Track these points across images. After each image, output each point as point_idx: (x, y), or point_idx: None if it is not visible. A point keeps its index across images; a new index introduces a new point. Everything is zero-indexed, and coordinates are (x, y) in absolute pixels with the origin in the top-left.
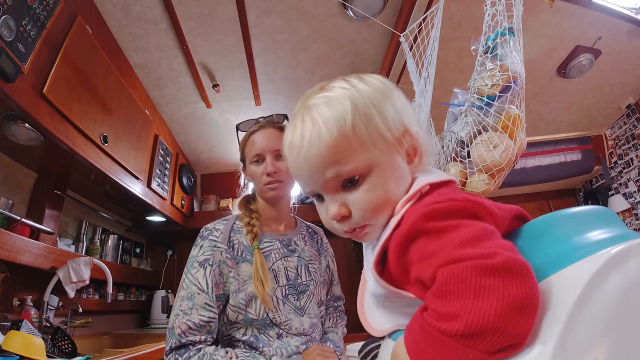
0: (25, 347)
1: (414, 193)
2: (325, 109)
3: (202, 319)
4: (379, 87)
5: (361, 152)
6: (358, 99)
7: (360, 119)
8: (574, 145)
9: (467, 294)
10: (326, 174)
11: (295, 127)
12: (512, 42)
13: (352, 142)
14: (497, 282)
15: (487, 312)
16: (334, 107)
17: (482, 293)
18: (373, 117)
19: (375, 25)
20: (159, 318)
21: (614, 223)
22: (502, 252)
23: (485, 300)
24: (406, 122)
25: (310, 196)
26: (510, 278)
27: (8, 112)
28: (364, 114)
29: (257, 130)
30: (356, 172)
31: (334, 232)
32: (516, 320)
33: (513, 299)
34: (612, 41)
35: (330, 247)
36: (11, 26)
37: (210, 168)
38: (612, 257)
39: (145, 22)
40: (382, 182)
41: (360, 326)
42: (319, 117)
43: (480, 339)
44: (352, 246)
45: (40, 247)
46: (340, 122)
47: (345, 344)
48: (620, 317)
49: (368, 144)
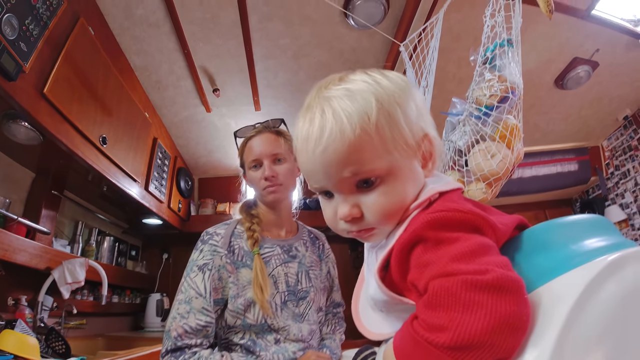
0: (20, 346)
1: (424, 201)
2: (348, 103)
3: (199, 323)
4: (402, 85)
5: (382, 153)
6: (383, 96)
7: (384, 119)
8: (570, 155)
9: (456, 307)
10: (343, 172)
11: (314, 119)
12: (510, 54)
13: (375, 142)
14: (486, 298)
15: (474, 326)
16: (357, 101)
17: (471, 308)
18: (398, 119)
19: (376, 35)
20: (153, 321)
21: (610, 232)
22: (494, 269)
23: (474, 315)
24: (425, 125)
25: (318, 192)
26: (500, 295)
27: (8, 110)
28: (389, 114)
29: (254, 135)
30: (375, 173)
31: (337, 231)
32: (503, 336)
33: (501, 316)
34: (610, 53)
35: (331, 253)
36: (14, 25)
37: (208, 172)
38: (608, 265)
39: (147, 25)
40: (399, 187)
41: (358, 332)
42: (342, 111)
43: (467, 352)
44: (349, 252)
45: (36, 247)
46: (364, 120)
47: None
48: (616, 325)
49: (390, 145)
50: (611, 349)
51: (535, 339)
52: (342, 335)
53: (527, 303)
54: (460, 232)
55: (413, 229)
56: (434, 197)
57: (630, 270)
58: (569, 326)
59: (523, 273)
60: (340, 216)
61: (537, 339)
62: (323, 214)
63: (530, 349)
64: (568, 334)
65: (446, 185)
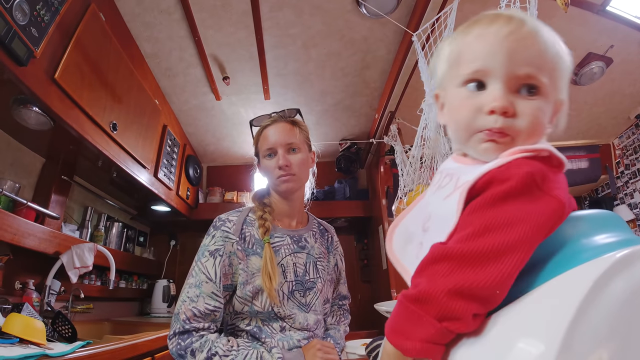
0: (26, 329)
1: (535, 149)
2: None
3: (207, 307)
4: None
5: (557, 83)
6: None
7: (568, 64)
8: (581, 153)
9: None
10: (525, 68)
11: (520, 16)
12: None
13: (557, 72)
14: (451, 267)
15: (437, 286)
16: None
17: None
18: (568, 75)
19: (388, 24)
20: (160, 307)
21: (620, 228)
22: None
23: (439, 279)
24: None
25: (466, 79)
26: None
27: (18, 95)
28: (569, 66)
29: (269, 124)
30: (545, 89)
31: (472, 127)
32: (456, 301)
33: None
34: (624, 50)
35: (340, 245)
36: (25, 10)
37: (216, 160)
38: (617, 261)
39: (158, 12)
40: (546, 115)
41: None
42: (550, 31)
43: (428, 304)
44: (354, 244)
45: (45, 231)
46: (564, 48)
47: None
48: (625, 321)
49: (562, 87)
50: (619, 344)
51: (544, 332)
52: (346, 327)
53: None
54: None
55: (507, 169)
56: (544, 153)
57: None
58: (578, 321)
59: (532, 265)
60: (496, 104)
61: (546, 333)
62: (458, 108)
63: (539, 343)
64: (576, 329)
65: (555, 151)
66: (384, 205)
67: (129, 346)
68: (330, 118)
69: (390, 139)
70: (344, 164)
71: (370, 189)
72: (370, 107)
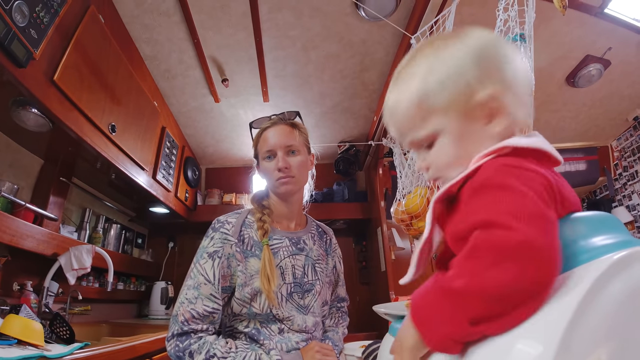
0: (24, 331)
1: (494, 149)
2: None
3: (206, 309)
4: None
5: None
6: None
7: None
8: (579, 155)
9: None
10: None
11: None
12: (522, 49)
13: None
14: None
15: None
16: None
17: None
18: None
19: (387, 26)
20: (158, 309)
21: (618, 229)
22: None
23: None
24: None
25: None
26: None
27: (17, 97)
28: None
29: (269, 126)
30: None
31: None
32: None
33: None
34: (622, 52)
35: (338, 247)
36: (24, 12)
37: (215, 162)
38: (615, 263)
39: (157, 14)
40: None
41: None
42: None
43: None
44: (353, 246)
45: (43, 232)
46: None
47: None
48: (623, 322)
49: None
50: (618, 345)
51: (542, 333)
52: (344, 329)
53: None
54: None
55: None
56: (506, 150)
57: (638, 268)
58: (576, 322)
59: None
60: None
61: (544, 334)
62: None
63: (537, 344)
64: (575, 330)
65: (528, 142)
66: (383, 207)
67: (127, 348)
68: (329, 120)
69: (389, 141)
70: (343, 166)
71: (369, 191)
72: (369, 109)
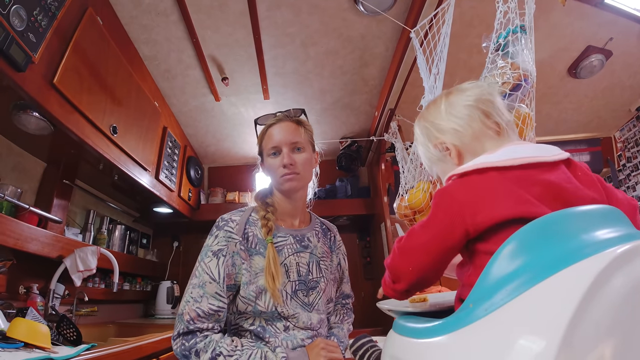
0: (31, 334)
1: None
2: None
3: (211, 307)
4: None
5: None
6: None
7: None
8: (582, 146)
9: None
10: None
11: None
12: (523, 40)
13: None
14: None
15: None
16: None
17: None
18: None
19: (386, 21)
20: (164, 309)
21: (621, 223)
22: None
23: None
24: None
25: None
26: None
27: (18, 101)
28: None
29: (274, 123)
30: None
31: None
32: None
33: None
34: (624, 43)
35: (342, 244)
36: (22, 16)
37: (217, 161)
38: (618, 256)
39: (155, 14)
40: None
41: (364, 322)
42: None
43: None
44: (357, 242)
45: (48, 235)
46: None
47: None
48: (625, 316)
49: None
50: (620, 339)
51: (545, 328)
52: (350, 325)
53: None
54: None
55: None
56: (453, 177)
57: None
58: (579, 316)
59: (534, 262)
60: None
61: (547, 329)
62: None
63: (540, 339)
64: (577, 324)
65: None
66: (386, 202)
67: (134, 348)
68: (330, 116)
69: (391, 136)
70: (345, 162)
71: (372, 186)
72: (369, 104)
